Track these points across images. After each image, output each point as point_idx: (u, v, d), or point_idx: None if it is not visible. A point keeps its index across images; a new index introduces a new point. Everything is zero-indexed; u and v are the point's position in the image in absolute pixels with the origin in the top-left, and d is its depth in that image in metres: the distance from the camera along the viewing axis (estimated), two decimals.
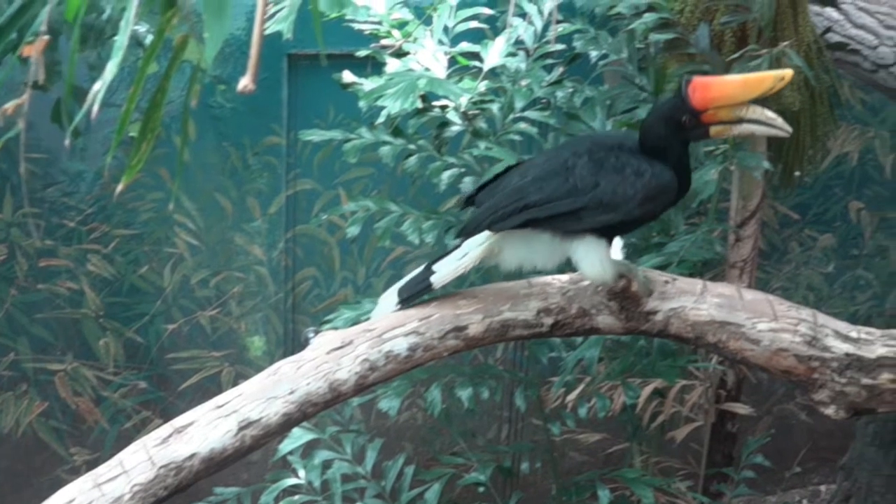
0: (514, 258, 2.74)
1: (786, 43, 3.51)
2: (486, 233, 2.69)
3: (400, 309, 2.72)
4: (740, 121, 2.62)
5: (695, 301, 2.76)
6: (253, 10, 3.82)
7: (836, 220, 5.59)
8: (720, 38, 3.73)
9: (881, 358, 2.73)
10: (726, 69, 3.59)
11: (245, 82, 1.96)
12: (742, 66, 3.49)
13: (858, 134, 5.48)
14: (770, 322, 2.74)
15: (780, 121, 2.63)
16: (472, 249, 2.72)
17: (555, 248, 2.70)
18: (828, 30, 4.51)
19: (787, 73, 2.56)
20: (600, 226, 2.65)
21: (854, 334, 2.77)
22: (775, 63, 3.51)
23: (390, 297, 2.77)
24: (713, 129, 2.64)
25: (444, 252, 2.80)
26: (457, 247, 2.76)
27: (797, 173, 3.96)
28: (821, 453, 5.64)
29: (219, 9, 1.95)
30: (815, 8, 4.46)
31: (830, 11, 4.61)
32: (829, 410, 2.77)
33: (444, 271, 2.73)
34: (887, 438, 4.30)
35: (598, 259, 2.66)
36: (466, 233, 2.72)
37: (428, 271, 2.74)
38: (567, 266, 2.74)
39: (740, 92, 2.60)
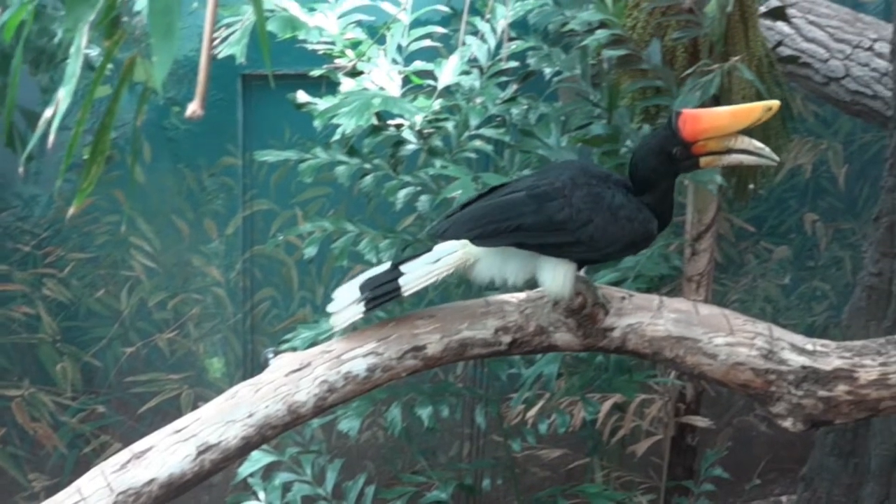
0: (487, 270, 2.72)
1: (737, 58, 3.53)
2: (462, 241, 2.66)
3: (365, 310, 2.64)
4: (729, 151, 2.65)
5: (651, 317, 2.77)
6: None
7: (791, 232, 5.63)
8: (672, 54, 3.75)
9: (837, 370, 2.75)
10: (678, 84, 3.61)
11: (193, 108, 1.95)
12: (694, 80, 3.51)
13: (811, 146, 5.52)
14: (726, 336, 2.76)
15: (767, 150, 2.66)
16: (445, 256, 2.68)
17: (528, 264, 2.70)
18: (779, 44, 4.55)
19: (774, 104, 2.60)
20: (577, 258, 2.67)
21: (810, 347, 2.79)
22: (727, 77, 3.53)
23: (349, 291, 2.68)
24: (703, 160, 2.67)
25: (412, 255, 2.73)
26: (427, 250, 2.71)
27: (751, 186, 3.98)
28: (781, 464, 5.67)
29: (166, 30, 1.94)
30: (767, 22, 4.50)
31: (782, 25, 4.66)
32: (787, 423, 2.79)
33: (414, 275, 2.66)
34: (846, 448, 4.32)
35: (561, 276, 2.67)
36: (444, 236, 2.66)
37: (395, 272, 2.67)
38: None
39: (729, 123, 2.63)
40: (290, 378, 2.65)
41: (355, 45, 3.89)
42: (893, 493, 4.07)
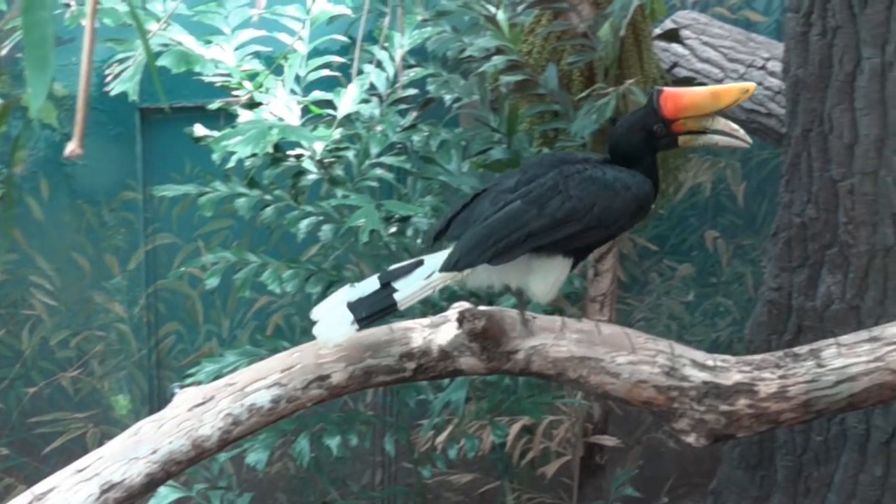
0: (485, 279, 2.73)
1: (632, 80, 3.58)
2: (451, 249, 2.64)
3: (358, 329, 2.60)
4: (706, 131, 2.71)
5: (555, 338, 2.79)
6: (102, 65, 3.81)
7: (693, 250, 5.69)
8: (568, 78, 3.79)
9: (737, 384, 2.79)
10: (575, 108, 3.65)
11: (72, 147, 1.93)
12: (590, 104, 3.55)
13: (710, 165, 5.59)
14: (629, 355, 2.78)
15: (741, 132, 2.72)
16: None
17: (525, 266, 2.71)
18: (674, 65, 4.62)
19: (751, 85, 2.68)
20: (589, 244, 2.72)
21: (710, 362, 2.82)
22: (622, 100, 3.58)
23: (333, 312, 2.64)
24: (682, 139, 2.72)
25: (394, 268, 2.69)
26: (416, 263, 2.68)
27: (652, 206, 4.03)
28: (691, 479, 5.72)
29: (41, 62, 1.92)
30: (662, 44, 4.57)
31: (676, 47, 4.74)
32: (690, 438, 2.81)
33: (409, 290, 2.62)
34: (753, 461, 4.38)
35: (553, 279, 2.71)
36: (458, 267, 2.62)
37: (388, 288, 2.63)
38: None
39: (709, 102, 2.68)
40: (194, 412, 2.63)
41: (253, 76, 3.88)
42: None
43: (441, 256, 2.65)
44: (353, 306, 2.60)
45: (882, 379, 2.78)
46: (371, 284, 2.65)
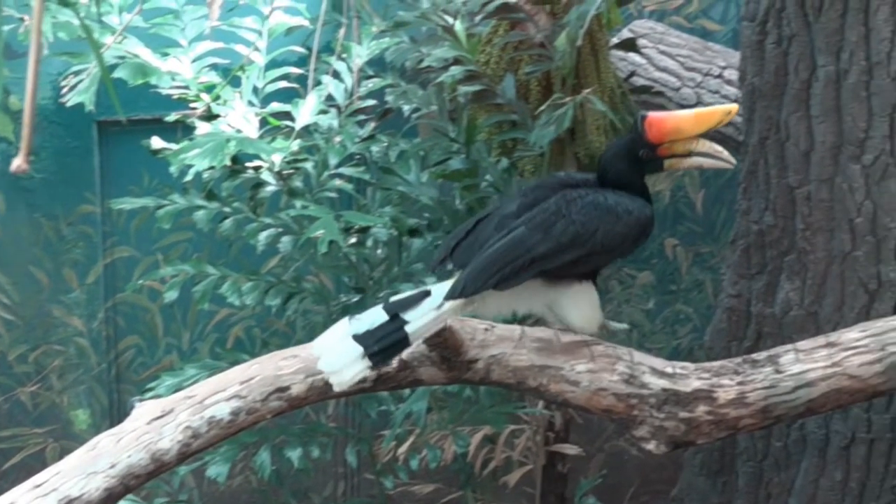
0: (496, 307, 2.72)
1: (589, 90, 3.59)
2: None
3: (371, 366, 2.54)
4: (690, 154, 2.74)
5: (514, 347, 2.79)
6: (58, 77, 3.80)
7: (653, 258, 5.71)
8: (526, 88, 3.80)
9: (696, 391, 2.80)
10: (533, 117, 3.66)
11: (17, 162, 1.91)
12: (548, 114, 3.56)
13: (669, 173, 5.60)
14: (588, 363, 2.79)
15: (726, 154, 2.76)
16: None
17: (542, 295, 2.72)
18: (632, 74, 4.64)
19: (733, 107, 2.73)
20: (596, 265, 2.74)
21: (669, 370, 2.83)
22: (580, 109, 3.59)
23: (338, 344, 2.57)
24: (667, 163, 2.76)
25: (400, 298, 2.64)
26: (423, 294, 2.63)
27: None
28: (653, 486, 5.73)
29: None
30: (620, 53, 4.58)
31: (634, 56, 4.75)
32: (650, 446, 2.83)
33: (420, 323, 2.58)
34: (714, 467, 4.39)
35: (588, 307, 2.74)
36: (464, 294, 2.59)
37: (397, 321, 2.57)
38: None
39: (692, 126, 2.73)
40: (153, 426, 2.62)
41: (210, 88, 3.87)
42: None
43: (445, 284, 2.64)
44: (361, 339, 2.54)
45: (839, 384, 2.80)
46: (377, 316, 2.58)
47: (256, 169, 3.86)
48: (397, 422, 3.77)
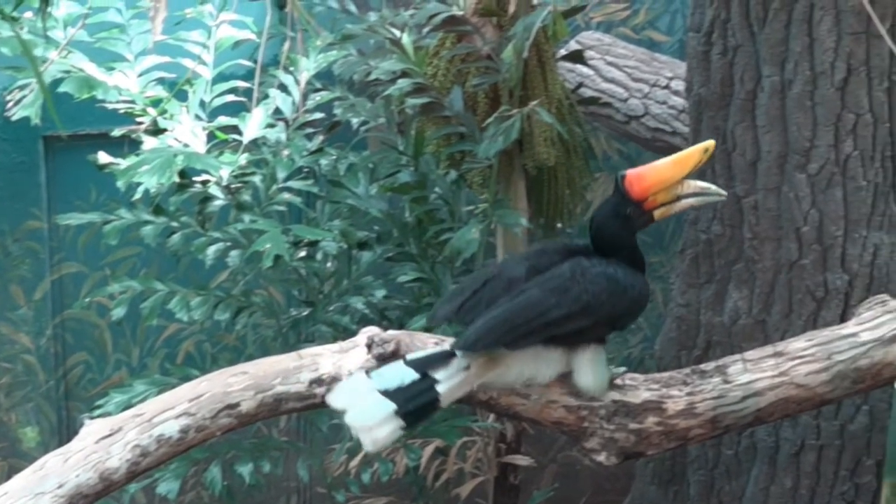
0: (518, 371, 2.71)
1: (536, 101, 3.60)
2: None
3: (405, 427, 2.50)
4: (678, 198, 2.74)
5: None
6: (3, 92, 3.77)
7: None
8: (474, 100, 3.80)
9: (646, 402, 2.81)
10: (481, 129, 3.66)
11: None
12: (496, 126, 3.56)
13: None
14: None
15: (713, 188, 2.78)
16: (474, 359, 2.60)
17: (561, 361, 2.73)
18: (580, 85, 4.65)
19: (710, 144, 2.72)
20: (599, 336, 2.75)
21: (619, 381, 2.84)
22: (527, 121, 3.59)
23: (366, 402, 2.50)
24: (657, 213, 2.75)
25: (425, 355, 2.62)
26: (448, 354, 2.60)
27: (559, 225, 4.06)
28: (606, 496, 5.74)
29: None
30: (567, 65, 4.60)
31: (581, 67, 4.77)
32: (601, 457, 2.83)
33: (451, 384, 2.55)
34: (665, 477, 4.41)
35: (600, 370, 2.75)
36: (475, 348, 2.58)
37: (427, 380, 2.54)
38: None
39: (672, 173, 2.73)
40: (101, 445, 2.60)
41: (156, 102, 3.85)
42: None
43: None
44: (393, 397, 2.50)
45: (787, 393, 2.82)
46: (402, 372, 2.56)
47: (204, 183, 3.84)
48: (348, 435, 3.75)
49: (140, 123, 3.84)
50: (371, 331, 2.78)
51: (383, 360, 2.71)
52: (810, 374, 2.83)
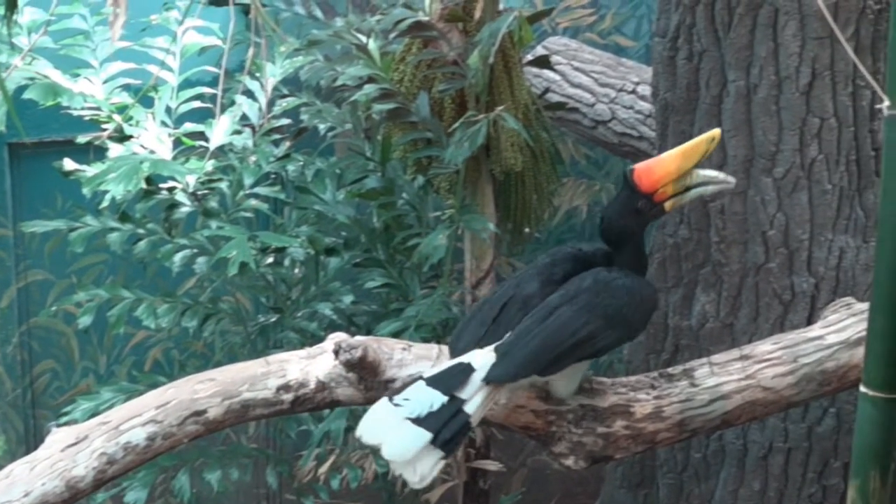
0: (538, 385, 2.75)
1: (502, 107, 3.60)
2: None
3: (443, 457, 2.42)
4: (688, 189, 2.75)
5: (431, 366, 2.79)
6: None
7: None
8: (440, 106, 3.79)
9: (613, 406, 2.82)
10: (448, 135, 3.66)
11: None
12: (462, 131, 3.56)
13: (586, 188, 5.65)
14: None
15: (722, 175, 2.79)
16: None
17: (575, 370, 2.74)
18: (546, 90, 4.67)
19: (716, 132, 2.73)
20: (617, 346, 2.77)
21: (587, 385, 2.84)
22: (493, 127, 3.59)
23: (401, 433, 2.42)
24: (667, 205, 2.76)
25: (440, 371, 2.55)
26: (465, 367, 2.54)
27: (527, 230, 4.06)
28: (575, 499, 5.75)
29: None
30: (534, 70, 4.61)
31: (548, 72, 4.78)
32: (569, 461, 2.83)
33: (476, 404, 2.49)
34: (635, 480, 4.42)
35: (576, 377, 2.76)
36: (514, 379, 2.56)
37: (455, 402, 2.46)
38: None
39: (680, 164, 2.73)
40: (67, 453, 2.59)
41: (122, 109, 3.84)
42: None
43: (480, 355, 2.57)
44: (425, 424, 2.42)
45: (753, 396, 2.83)
46: (426, 395, 2.48)
47: (171, 190, 3.83)
48: (315, 440, 3.75)
49: (105, 130, 3.82)
50: (338, 337, 2.77)
51: (352, 366, 2.71)
52: (776, 376, 2.84)
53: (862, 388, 2.33)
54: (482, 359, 2.55)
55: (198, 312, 3.84)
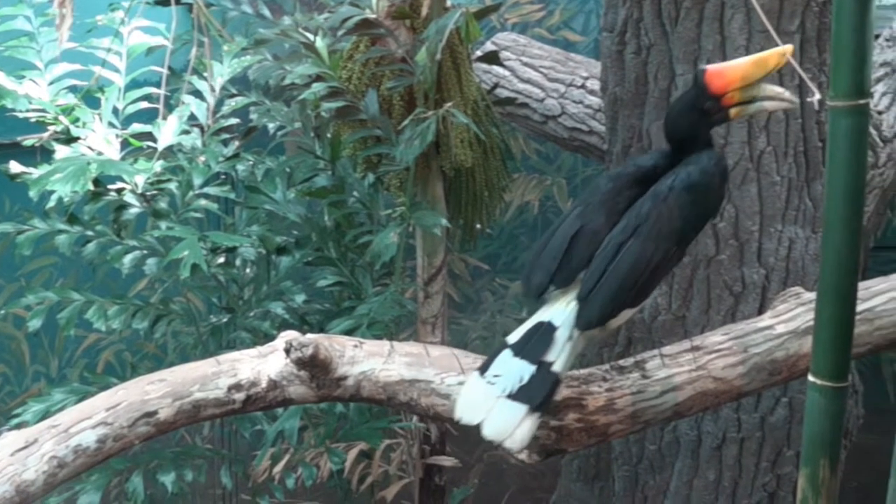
0: (616, 324, 2.70)
1: (450, 104, 3.60)
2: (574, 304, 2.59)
3: (541, 416, 2.51)
4: (754, 99, 2.72)
5: (384, 362, 2.79)
6: None
7: (525, 268, 5.73)
8: (389, 103, 3.79)
9: (566, 399, 2.81)
10: (397, 132, 3.66)
11: None
12: (412, 128, 3.56)
13: (537, 183, 5.67)
14: (458, 376, 2.79)
15: (787, 94, 2.74)
16: (572, 329, 2.57)
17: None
18: (496, 86, 4.67)
19: (788, 48, 2.66)
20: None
21: None
22: (443, 123, 3.60)
23: (502, 410, 2.49)
24: (732, 111, 2.73)
25: (522, 336, 2.58)
26: (545, 327, 2.58)
27: (478, 226, 4.07)
28: (533, 494, 5.77)
29: None
30: (483, 66, 4.61)
31: (497, 68, 4.79)
32: (522, 455, 2.83)
33: (563, 361, 2.53)
34: (591, 473, 4.44)
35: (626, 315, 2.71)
36: (603, 322, 2.59)
37: (544, 366, 2.52)
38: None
39: (752, 71, 2.69)
40: (16, 457, 2.56)
41: (68, 110, 3.80)
42: None
43: (559, 311, 2.60)
44: (521, 398, 2.49)
45: (704, 387, 2.84)
46: (513, 366, 2.54)
47: (119, 191, 3.80)
48: (269, 440, 3.74)
49: (51, 132, 3.79)
50: (290, 335, 2.77)
51: (303, 364, 2.70)
52: (727, 367, 2.86)
53: (810, 378, 2.35)
54: (562, 314, 2.58)
55: (149, 314, 3.81)
